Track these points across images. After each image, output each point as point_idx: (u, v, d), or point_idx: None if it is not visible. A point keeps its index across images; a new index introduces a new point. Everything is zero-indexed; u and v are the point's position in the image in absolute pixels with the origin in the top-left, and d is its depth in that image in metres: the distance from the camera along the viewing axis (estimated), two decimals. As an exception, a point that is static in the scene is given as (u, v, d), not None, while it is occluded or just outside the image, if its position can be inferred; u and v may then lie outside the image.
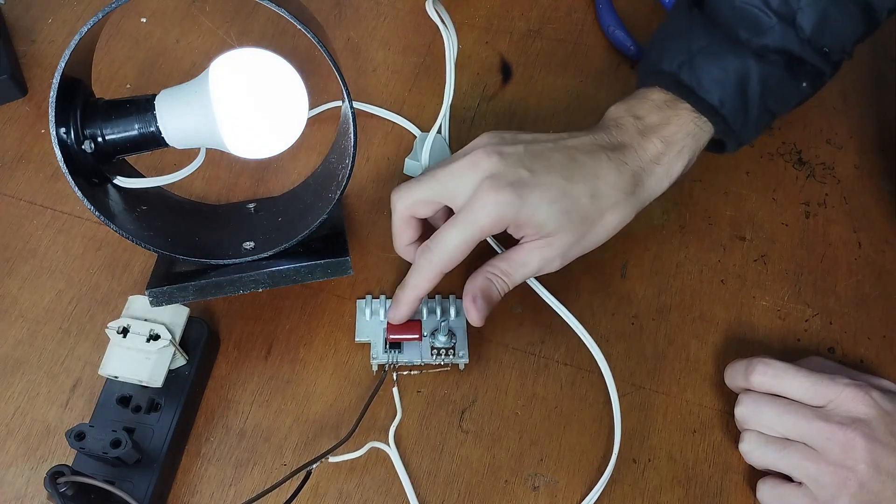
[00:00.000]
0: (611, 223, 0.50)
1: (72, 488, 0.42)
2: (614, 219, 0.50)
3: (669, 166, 0.52)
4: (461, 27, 0.68)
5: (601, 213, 0.50)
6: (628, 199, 0.50)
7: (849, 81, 0.67)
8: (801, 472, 0.46)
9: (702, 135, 0.53)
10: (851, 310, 0.56)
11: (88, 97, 0.47)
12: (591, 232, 0.50)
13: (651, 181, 0.51)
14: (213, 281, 0.49)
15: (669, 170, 0.52)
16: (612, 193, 0.50)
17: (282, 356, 0.54)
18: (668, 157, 0.52)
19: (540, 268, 0.50)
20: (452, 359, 0.52)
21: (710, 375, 0.54)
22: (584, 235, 0.50)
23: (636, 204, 0.51)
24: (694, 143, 0.52)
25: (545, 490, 0.50)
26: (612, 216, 0.50)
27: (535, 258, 0.49)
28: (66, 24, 0.68)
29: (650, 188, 0.52)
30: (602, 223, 0.50)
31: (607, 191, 0.50)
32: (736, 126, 0.52)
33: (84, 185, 0.46)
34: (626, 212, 0.51)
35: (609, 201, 0.50)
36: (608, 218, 0.50)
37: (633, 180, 0.51)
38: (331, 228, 0.53)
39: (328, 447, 0.49)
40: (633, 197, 0.51)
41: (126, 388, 0.49)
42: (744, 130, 0.53)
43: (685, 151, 0.52)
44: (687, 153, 0.52)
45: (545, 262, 0.50)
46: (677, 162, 0.52)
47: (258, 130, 0.47)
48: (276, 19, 0.69)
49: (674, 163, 0.52)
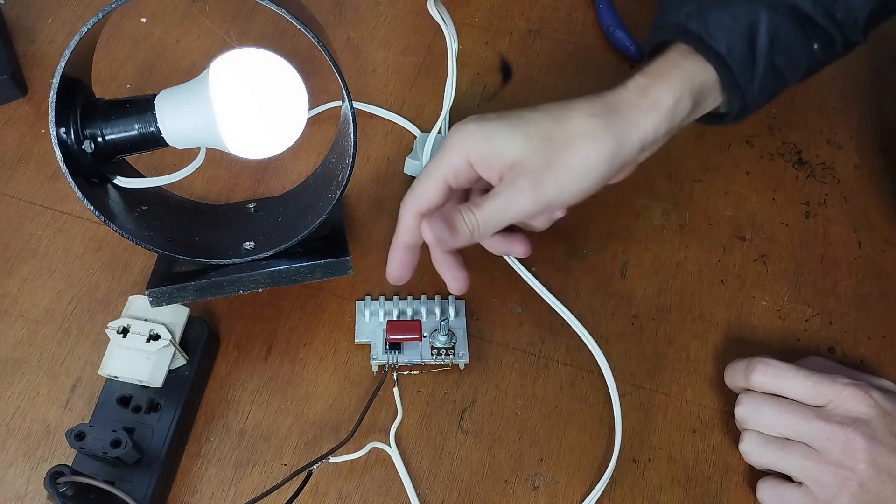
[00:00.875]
0: (585, 153, 0.46)
1: (72, 488, 0.42)
2: (588, 149, 0.46)
3: (656, 98, 0.47)
4: (461, 27, 0.68)
5: (568, 137, 0.46)
6: (602, 126, 0.46)
7: (849, 81, 0.67)
8: (801, 471, 0.46)
9: (697, 74, 0.48)
10: (851, 310, 0.56)
11: (88, 97, 0.47)
12: (562, 159, 0.46)
13: (632, 112, 0.47)
14: (213, 281, 0.49)
15: (657, 102, 0.47)
16: (580, 117, 0.47)
17: (282, 356, 0.54)
18: (655, 89, 0.47)
19: (510, 199, 0.47)
20: (452, 359, 0.52)
21: (710, 375, 0.54)
22: (552, 161, 0.46)
23: (615, 134, 0.47)
24: (688, 78, 0.48)
25: (545, 490, 0.50)
26: (584, 145, 0.46)
27: (504, 190, 0.47)
28: (66, 24, 0.68)
29: (632, 119, 0.47)
30: (575, 151, 0.46)
31: (573, 115, 0.47)
32: (742, 79, 0.48)
33: (84, 185, 0.46)
34: (603, 143, 0.46)
35: (577, 126, 0.47)
36: (580, 147, 0.46)
37: (605, 107, 0.47)
38: (331, 228, 0.53)
39: (328, 447, 0.49)
40: (610, 125, 0.46)
41: (126, 388, 0.49)
42: (749, 88, 0.48)
43: (675, 85, 0.47)
44: (678, 87, 0.47)
45: (516, 193, 0.46)
46: (666, 95, 0.47)
47: (258, 130, 0.47)
48: (276, 19, 0.69)
49: (662, 95, 0.47)
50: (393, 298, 0.55)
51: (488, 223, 0.47)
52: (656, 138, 0.48)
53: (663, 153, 0.62)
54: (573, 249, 0.58)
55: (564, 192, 0.47)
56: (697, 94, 0.48)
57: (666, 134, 0.48)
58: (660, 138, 0.48)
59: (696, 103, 0.49)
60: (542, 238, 0.58)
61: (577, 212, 0.59)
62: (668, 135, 0.49)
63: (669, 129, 0.48)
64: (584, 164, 0.47)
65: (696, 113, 0.49)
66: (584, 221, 0.59)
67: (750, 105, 0.50)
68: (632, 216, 0.60)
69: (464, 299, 0.55)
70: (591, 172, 0.47)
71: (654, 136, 0.48)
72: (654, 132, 0.47)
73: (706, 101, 0.49)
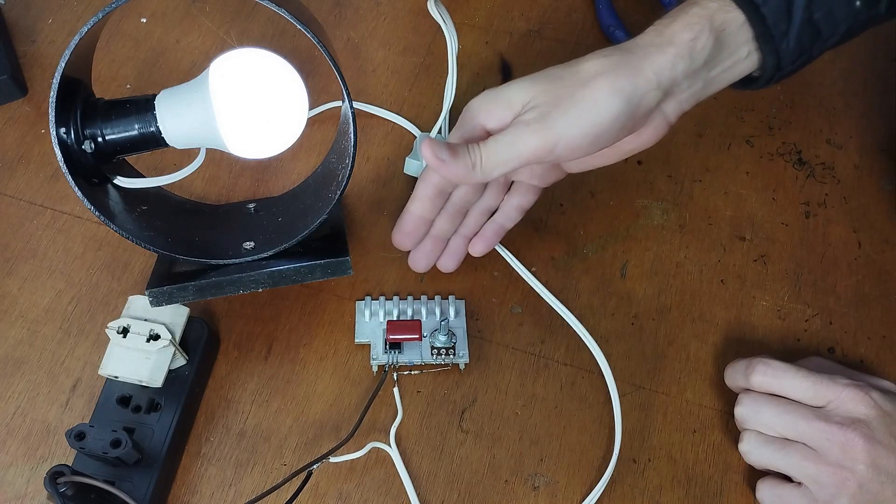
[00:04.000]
0: (597, 88, 0.44)
1: (72, 488, 0.42)
2: (600, 84, 0.44)
3: (672, 35, 0.45)
4: (461, 27, 0.68)
5: (580, 78, 0.45)
6: (615, 63, 0.45)
7: (849, 81, 0.67)
8: (801, 472, 0.46)
9: (719, 12, 0.45)
10: (851, 310, 0.56)
11: (88, 97, 0.47)
12: (573, 95, 0.44)
13: (647, 50, 0.45)
14: (213, 281, 0.49)
15: (672, 38, 0.45)
16: (592, 60, 0.45)
17: (282, 356, 0.54)
18: (671, 28, 0.45)
19: (517, 134, 0.45)
20: (452, 359, 0.52)
21: (710, 375, 0.54)
22: (563, 97, 0.44)
23: (628, 70, 0.44)
24: (706, 15, 0.45)
25: (545, 490, 0.50)
26: (596, 82, 0.44)
27: (512, 127, 0.45)
28: (66, 24, 0.68)
29: (647, 56, 0.45)
30: (587, 88, 0.44)
31: (586, 60, 0.45)
32: (776, 31, 0.45)
33: (84, 185, 0.46)
34: (615, 78, 0.44)
35: (589, 67, 0.45)
36: (592, 84, 0.44)
37: (619, 50, 0.45)
38: (331, 228, 0.53)
39: (328, 447, 0.49)
40: (622, 63, 0.45)
41: (126, 388, 0.49)
42: (784, 43, 0.45)
43: (692, 20, 0.45)
44: (695, 22, 0.45)
45: (522, 127, 0.45)
46: (682, 31, 0.45)
47: (258, 131, 0.47)
48: (276, 19, 0.69)
49: (677, 31, 0.45)
50: (393, 298, 0.55)
51: (491, 158, 0.45)
52: (674, 78, 0.45)
53: (663, 153, 0.62)
54: (573, 249, 0.58)
55: (574, 126, 0.44)
56: (719, 33, 0.45)
57: (686, 76, 0.45)
58: (679, 80, 0.45)
59: (720, 45, 0.45)
60: (543, 238, 0.58)
61: (578, 212, 0.60)
62: (691, 78, 0.46)
63: (690, 70, 0.45)
64: (595, 98, 0.44)
65: (722, 58, 0.46)
66: (584, 221, 0.59)
67: (784, 63, 0.46)
68: (632, 216, 0.60)
69: (464, 299, 0.55)
70: (602, 108, 0.44)
71: (671, 75, 0.45)
72: (671, 69, 0.44)
73: (732, 48, 0.46)
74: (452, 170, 0.45)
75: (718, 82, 0.47)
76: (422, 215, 0.54)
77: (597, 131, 0.44)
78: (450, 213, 0.55)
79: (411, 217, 0.54)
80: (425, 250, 0.55)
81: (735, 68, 0.47)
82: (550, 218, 0.59)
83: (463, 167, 0.45)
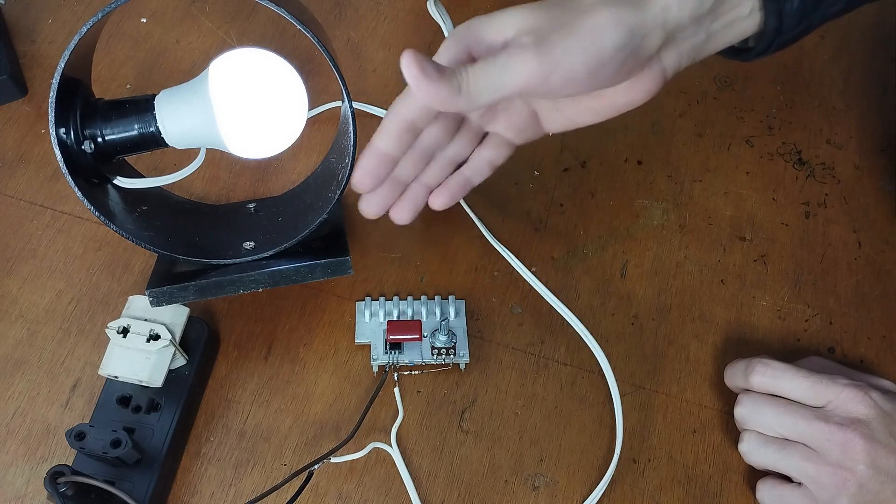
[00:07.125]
0: (599, 15, 0.41)
1: (72, 488, 0.42)
2: (602, 12, 0.41)
3: None
4: (461, 27, 0.68)
5: (582, 7, 0.41)
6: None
7: (849, 81, 0.67)
8: (801, 472, 0.46)
9: None
10: (851, 310, 0.56)
11: (88, 97, 0.47)
12: (573, 21, 0.41)
13: None
14: (214, 281, 0.49)
15: None
16: None
17: (282, 356, 0.54)
18: None
19: (510, 56, 0.41)
20: (453, 359, 0.52)
21: (710, 375, 0.54)
22: (562, 23, 0.41)
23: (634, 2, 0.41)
24: None
25: (545, 490, 0.50)
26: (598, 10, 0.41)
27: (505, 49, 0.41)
28: (66, 24, 0.68)
29: None
30: (588, 15, 0.41)
31: None
32: None
33: (84, 185, 0.46)
34: (619, 8, 0.41)
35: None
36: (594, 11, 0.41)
37: None
38: (331, 228, 0.53)
39: (328, 448, 0.49)
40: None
41: (126, 388, 0.49)
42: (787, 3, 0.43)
43: None
44: None
45: (516, 49, 0.41)
46: None
47: (258, 130, 0.47)
48: (276, 19, 0.69)
49: None
50: (393, 299, 0.55)
51: (480, 82, 0.40)
52: (680, 21, 0.42)
53: (663, 153, 0.62)
54: (573, 249, 0.58)
55: (574, 52, 0.40)
56: None
57: (692, 20, 0.42)
58: (685, 23, 0.42)
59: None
60: (542, 238, 0.58)
61: (578, 212, 0.60)
62: (696, 24, 0.43)
63: (696, 14, 0.42)
64: (596, 25, 0.41)
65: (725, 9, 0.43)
66: (584, 221, 0.59)
67: (786, 26, 0.44)
68: (632, 216, 0.60)
69: (464, 299, 0.55)
70: (605, 37, 0.40)
71: (678, 15, 0.42)
72: (679, 9, 0.42)
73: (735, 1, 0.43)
74: (435, 90, 0.40)
75: (718, 39, 0.44)
76: (387, 152, 0.47)
77: (597, 61, 0.41)
78: (415, 156, 0.49)
79: (375, 153, 0.47)
80: (382, 193, 0.49)
81: (736, 26, 0.44)
82: (550, 218, 0.59)
83: (447, 88, 0.40)
